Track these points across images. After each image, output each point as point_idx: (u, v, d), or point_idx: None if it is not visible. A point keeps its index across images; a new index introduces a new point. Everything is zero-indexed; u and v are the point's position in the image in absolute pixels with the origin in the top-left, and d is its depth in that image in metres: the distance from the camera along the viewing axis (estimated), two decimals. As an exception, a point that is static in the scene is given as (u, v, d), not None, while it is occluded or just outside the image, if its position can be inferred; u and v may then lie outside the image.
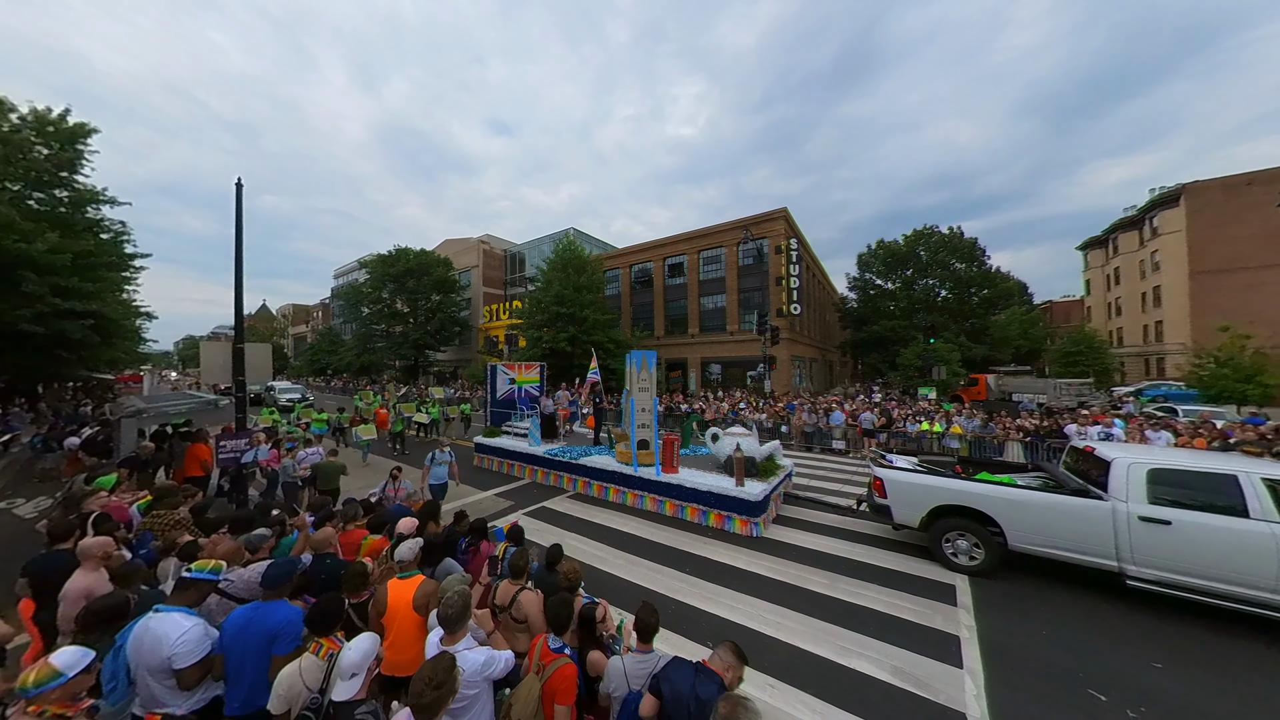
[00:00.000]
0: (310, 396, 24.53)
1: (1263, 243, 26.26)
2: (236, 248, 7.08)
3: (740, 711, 1.54)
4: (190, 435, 8.12)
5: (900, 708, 3.29)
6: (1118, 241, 37.90)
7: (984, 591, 4.93)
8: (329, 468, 7.14)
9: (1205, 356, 18.14)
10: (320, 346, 49.25)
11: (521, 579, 2.96)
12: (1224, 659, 3.80)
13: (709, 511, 6.91)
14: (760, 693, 3.38)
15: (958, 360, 26.61)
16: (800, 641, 4.03)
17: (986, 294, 33.68)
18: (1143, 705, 3.28)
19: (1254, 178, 26.96)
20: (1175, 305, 30.49)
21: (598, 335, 25.25)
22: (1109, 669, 3.68)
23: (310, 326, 69.91)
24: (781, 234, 24.70)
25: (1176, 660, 3.79)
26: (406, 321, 37.90)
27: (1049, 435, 10.59)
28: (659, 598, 4.73)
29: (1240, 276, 27.05)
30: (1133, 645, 4.00)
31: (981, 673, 3.63)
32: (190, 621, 2.27)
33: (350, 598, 2.79)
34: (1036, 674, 3.63)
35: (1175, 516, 4.35)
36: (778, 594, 4.86)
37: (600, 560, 5.69)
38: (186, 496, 4.71)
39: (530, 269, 38.76)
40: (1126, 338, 36.58)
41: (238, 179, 7.07)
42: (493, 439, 10.89)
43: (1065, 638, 4.11)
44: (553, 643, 2.26)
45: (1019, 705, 3.30)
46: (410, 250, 36.92)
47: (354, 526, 4.14)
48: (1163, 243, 31.61)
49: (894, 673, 3.64)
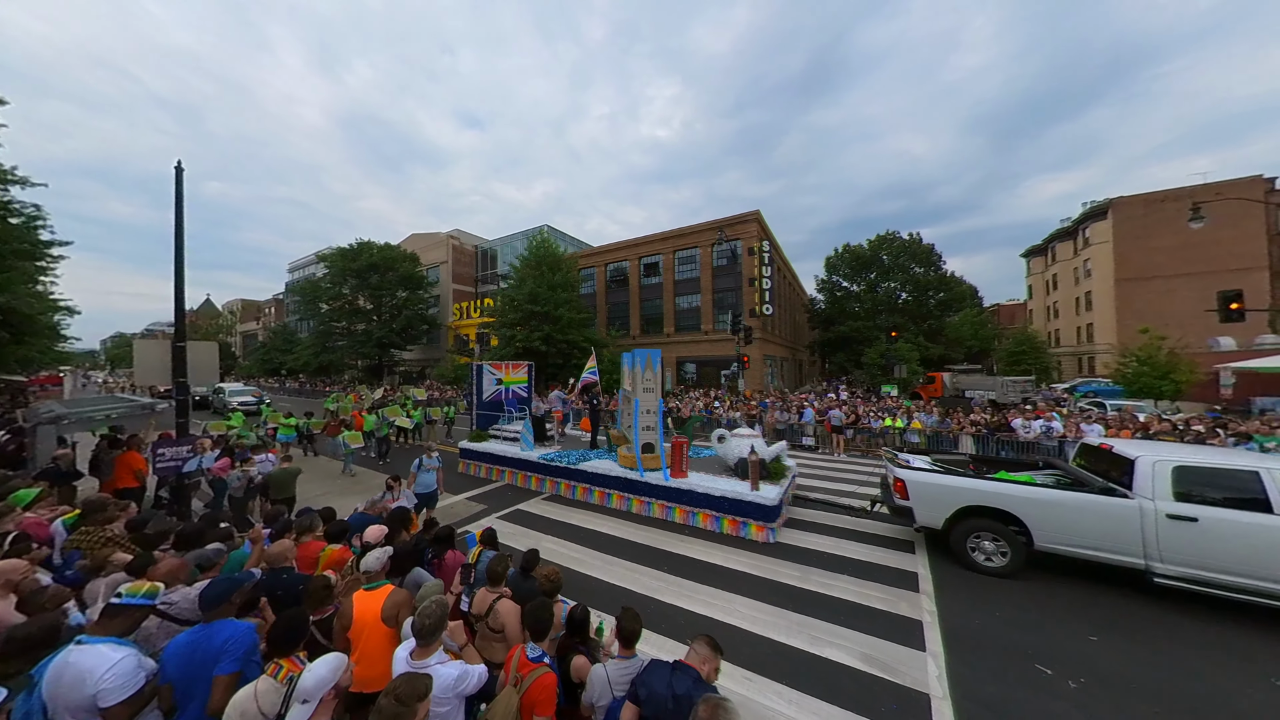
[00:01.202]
0: (267, 399, 22.60)
1: (1176, 254, 29.31)
2: (177, 238, 6.50)
3: (720, 713, 1.55)
4: (121, 442, 7.39)
5: (869, 692, 3.44)
6: (1055, 250, 41.26)
7: (944, 578, 5.22)
8: (283, 475, 6.70)
9: (1128, 356, 20.03)
10: (273, 345, 46.13)
11: (499, 586, 2.87)
12: (1150, 631, 4.21)
13: (722, 518, 6.56)
14: (737, 686, 3.44)
15: (917, 359, 28.16)
16: (775, 634, 4.14)
17: (942, 297, 35.76)
18: (1082, 676, 3.58)
19: (1167, 195, 30.03)
20: (1103, 309, 33.52)
21: (572, 334, 24.99)
22: (1054, 644, 3.99)
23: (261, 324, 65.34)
24: (754, 236, 25.27)
25: (1110, 633, 4.16)
26: (369, 319, 36.10)
27: (998, 430, 11.38)
28: (637, 598, 4.74)
29: (1158, 284, 30.07)
30: (1074, 621, 4.35)
31: (943, 654, 3.85)
32: (120, 653, 2.03)
33: (314, 613, 2.63)
34: (991, 652, 3.89)
35: (1202, 513, 4.32)
36: (753, 588, 4.97)
37: (577, 562, 5.63)
38: (120, 511, 4.28)
39: (503, 266, 37.81)
40: (1063, 338, 39.88)
41: (178, 162, 6.47)
42: (480, 443, 10.28)
43: (1017, 618, 4.42)
44: (531, 652, 2.20)
45: (976, 682, 3.53)
46: (374, 244, 35.20)
47: (311, 538, 3.89)
48: (1093, 252, 34.66)
49: (863, 659, 3.80)
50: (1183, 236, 27.77)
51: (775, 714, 3.25)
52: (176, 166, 6.44)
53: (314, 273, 48.19)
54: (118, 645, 2.08)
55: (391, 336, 35.15)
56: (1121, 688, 3.46)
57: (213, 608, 2.27)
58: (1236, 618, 4.28)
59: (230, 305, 79.94)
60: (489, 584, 2.85)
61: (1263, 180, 28.78)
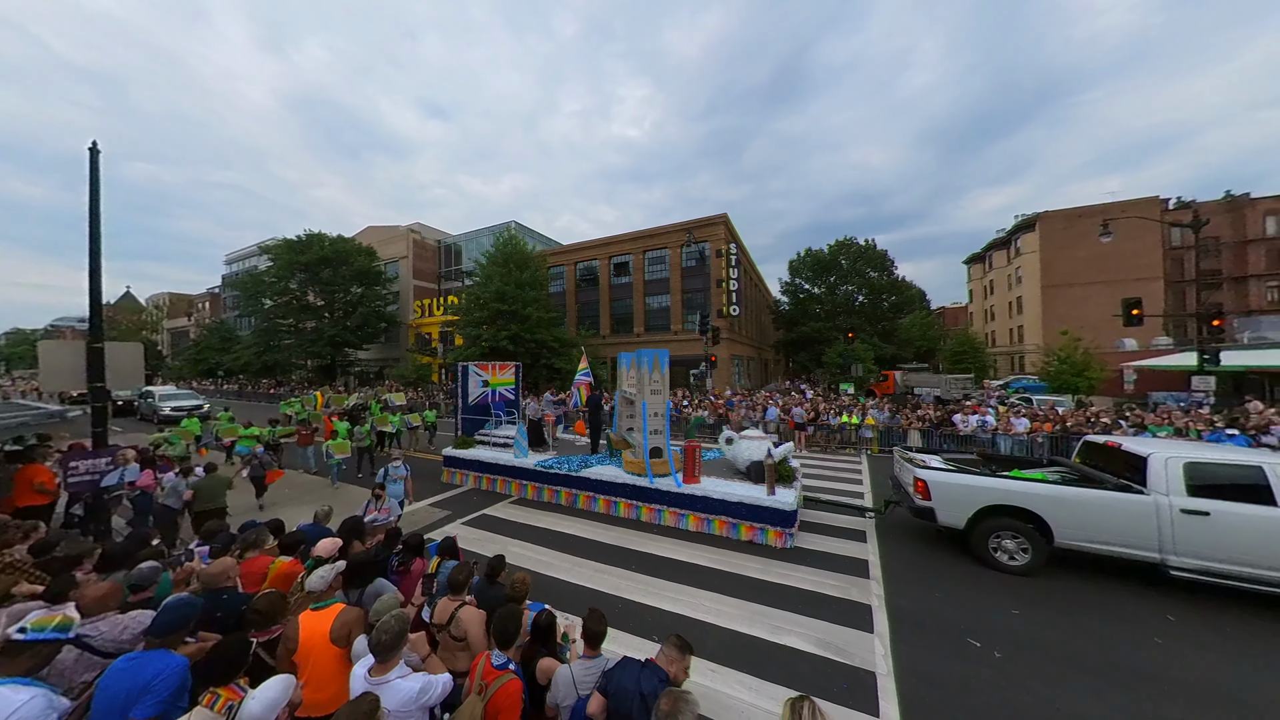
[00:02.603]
0: (206, 404, 20.17)
1: (1091, 264, 32.75)
2: (92, 227, 5.85)
3: (681, 705, 1.63)
4: (20, 454, 6.55)
5: (824, 674, 3.67)
6: (992, 258, 44.99)
7: (891, 564, 5.63)
8: (209, 485, 6.16)
9: (1051, 356, 22.22)
10: (208, 343, 42.12)
11: (461, 594, 2.82)
12: (1064, 601, 4.75)
13: (739, 524, 6.35)
14: (702, 678, 3.56)
15: (871, 358, 29.85)
16: (738, 625, 4.32)
17: (894, 300, 38.12)
18: (1006, 645, 3.99)
19: (1084, 211, 33.51)
20: (1032, 313, 36.93)
21: (541, 334, 24.58)
22: (982, 619, 4.42)
23: (194, 320, 59.56)
24: (722, 238, 25.86)
25: (1030, 606, 4.65)
26: (320, 316, 33.81)
27: (940, 424, 12.32)
28: (605, 598, 4.78)
29: (1077, 290, 33.48)
30: (1000, 598, 4.82)
31: (888, 635, 4.17)
32: (23, 695, 1.82)
33: (258, 635, 2.47)
34: (930, 630, 4.25)
35: (1213, 507, 4.49)
36: (718, 582, 5.14)
37: (545, 565, 5.60)
38: (21, 533, 3.82)
39: (468, 262, 36.52)
40: (998, 339, 43.58)
41: (92, 144, 5.82)
42: (466, 450, 9.51)
43: (953, 597, 4.84)
44: (496, 659, 2.19)
45: (915, 658, 3.85)
46: (325, 236, 32.97)
47: (258, 553, 3.65)
48: (1023, 260, 38.09)
49: (818, 644, 4.04)
50: (1096, 249, 31.08)
51: (738, 702, 3.40)
52: (91, 148, 5.81)
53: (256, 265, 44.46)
54: (21, 685, 1.87)
55: (346, 335, 33.09)
56: (1039, 653, 3.89)
57: (168, 634, 2.09)
58: (1136, 589, 4.91)
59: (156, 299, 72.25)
60: (451, 592, 2.80)
61: (1159, 201, 32.75)
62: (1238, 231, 33.51)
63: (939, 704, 3.35)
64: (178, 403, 18.72)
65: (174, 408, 17.96)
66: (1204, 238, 31.45)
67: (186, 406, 18.35)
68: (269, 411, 18.21)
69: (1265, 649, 3.95)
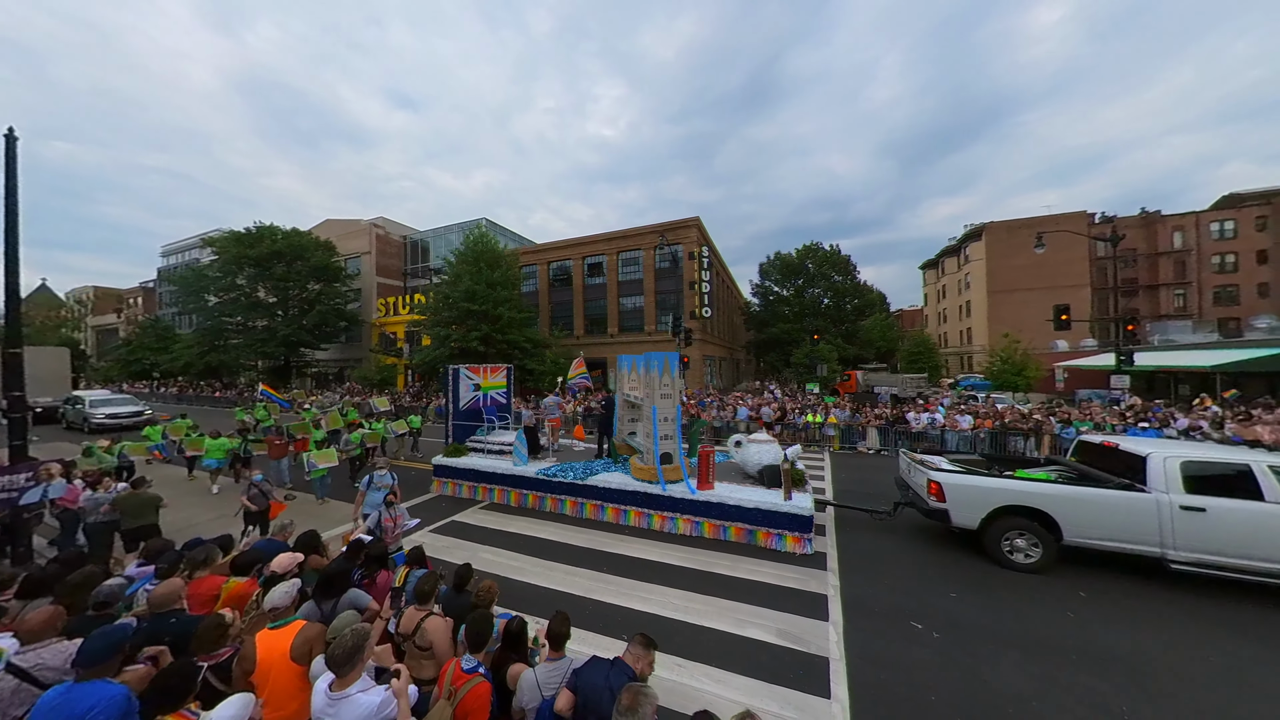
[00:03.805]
0: (149, 410, 17.92)
1: (1029, 272, 35.61)
2: (9, 219, 5.33)
3: (640, 699, 1.75)
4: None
5: (783, 663, 3.91)
6: (944, 265, 48.07)
7: (847, 557, 6.00)
8: (135, 502, 5.68)
9: (994, 356, 24.05)
10: (142, 342, 38.58)
11: (428, 604, 2.83)
12: (994, 585, 5.23)
13: (755, 530, 6.25)
14: (668, 673, 3.72)
15: (835, 359, 31.27)
16: (705, 620, 4.51)
17: (857, 303, 40.04)
18: (944, 627, 4.39)
19: (1024, 223, 36.43)
20: (979, 316, 39.75)
21: (513, 334, 24.19)
22: (925, 603, 4.82)
23: (124, 317, 54.42)
24: (695, 241, 26.32)
25: (966, 590, 5.11)
26: (273, 314, 31.78)
27: (895, 422, 13.12)
28: (577, 600, 4.86)
29: (1017, 296, 36.33)
30: (941, 583, 5.26)
31: (841, 622, 4.48)
32: None
33: (205, 659, 2.39)
34: (878, 616, 4.60)
35: (1209, 504, 4.72)
36: (687, 580, 5.32)
37: (516, 570, 5.61)
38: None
39: (436, 260, 35.34)
40: (949, 341, 46.60)
41: (9, 130, 5.30)
42: (457, 459, 8.97)
43: (899, 585, 5.24)
44: (466, 663, 2.23)
45: (864, 642, 4.18)
46: (278, 229, 31.01)
47: (208, 572, 3.48)
48: (972, 267, 40.95)
49: (779, 634, 4.29)
50: (1034, 258, 33.80)
51: (703, 693, 3.57)
52: (8, 134, 5.30)
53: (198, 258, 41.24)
54: None
55: (301, 334, 31.26)
56: (971, 632, 4.31)
57: (95, 664, 1.98)
58: (1053, 570, 5.47)
59: (78, 294, 65.43)
60: (417, 602, 2.80)
61: (1086, 215, 36.06)
62: (1151, 245, 37.43)
63: (883, 683, 3.66)
64: (114, 409, 16.45)
65: (109, 415, 15.85)
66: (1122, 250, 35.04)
67: (124, 414, 16.25)
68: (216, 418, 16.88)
69: (1156, 618, 4.54)
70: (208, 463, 9.06)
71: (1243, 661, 3.89)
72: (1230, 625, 4.39)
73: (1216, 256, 35.76)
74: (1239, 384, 17.93)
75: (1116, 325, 15.14)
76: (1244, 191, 36.85)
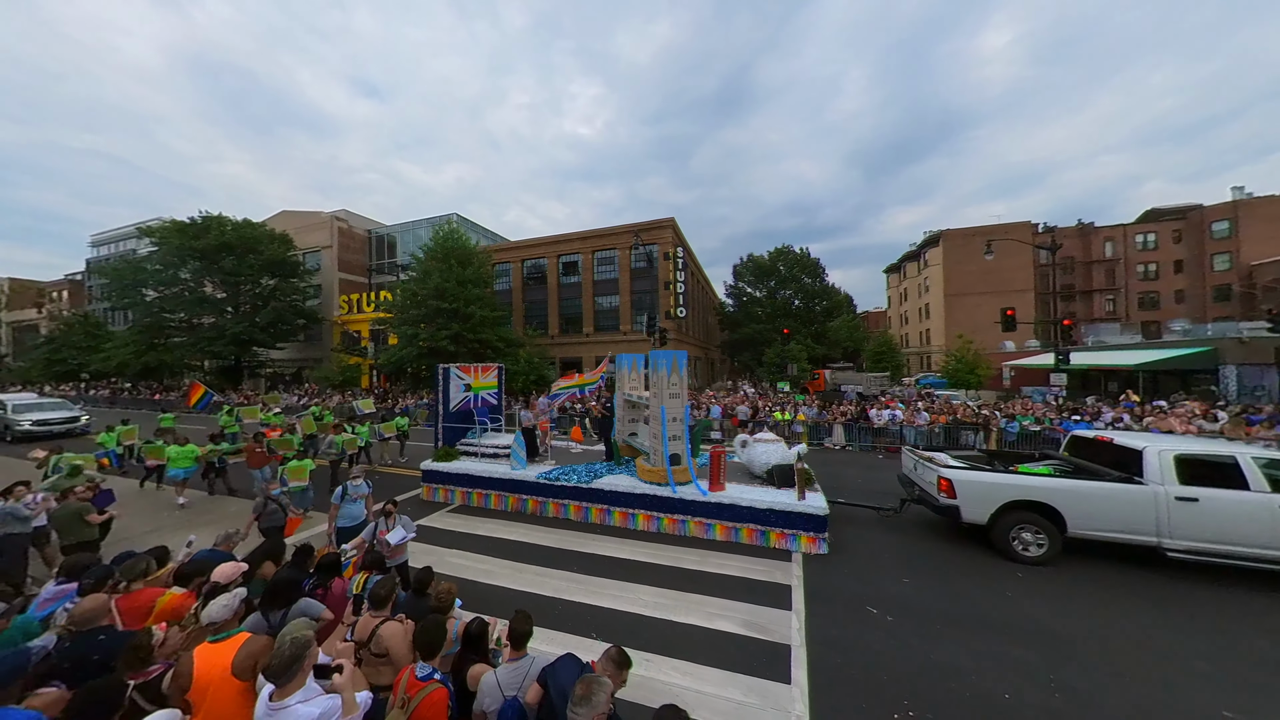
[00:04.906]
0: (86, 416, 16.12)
1: (981, 277, 38.00)
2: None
3: (594, 687, 1.79)
4: None
5: (748, 652, 4.04)
6: (905, 269, 50.61)
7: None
8: (66, 515, 5.25)
9: (950, 355, 25.56)
10: (68, 340, 35.13)
11: (384, 609, 2.75)
12: (944, 569, 5.59)
13: (768, 531, 6.20)
14: (637, 668, 3.73)
15: (805, 358, 32.33)
16: (674, 615, 4.59)
17: (826, 304, 41.50)
18: (896, 610, 4.66)
19: (976, 231, 38.84)
20: (937, 318, 42.08)
21: (485, 333, 23.65)
22: (879, 590, 5.09)
23: (46, 312, 49.35)
24: (669, 241, 26.54)
25: (918, 575, 5.43)
26: (222, 311, 29.72)
27: (859, 419, 13.74)
28: (547, 601, 4.84)
29: (970, 299, 38.69)
30: (894, 570, 5.57)
31: (803, 610, 4.67)
32: None
33: (133, 677, 2.23)
34: (836, 602, 4.82)
35: (1201, 494, 4.97)
36: (658, 576, 5.39)
37: (485, 573, 5.51)
38: None
39: (403, 256, 34.02)
40: (911, 341, 49.11)
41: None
42: (448, 463, 8.54)
43: (857, 573, 5.51)
44: (420, 671, 2.19)
45: (823, 627, 4.38)
46: (227, 219, 29.02)
47: (141, 585, 3.24)
48: (930, 272, 43.30)
49: (746, 625, 4.43)
50: (985, 264, 36.14)
51: (671, 686, 3.63)
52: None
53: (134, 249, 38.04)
54: None
55: (254, 332, 29.32)
56: (921, 614, 4.59)
57: None
58: (994, 552, 5.88)
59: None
60: (374, 607, 2.72)
61: (1030, 225, 38.85)
62: (1086, 254, 40.79)
63: (839, 665, 3.85)
64: (43, 415, 14.70)
65: (36, 422, 14.17)
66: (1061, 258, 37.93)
67: (56, 420, 14.60)
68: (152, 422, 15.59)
69: (1081, 594, 4.98)
70: (173, 473, 8.16)
71: (1150, 628, 4.34)
72: (1144, 597, 4.89)
73: (1141, 265, 39.40)
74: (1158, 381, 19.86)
75: (1055, 327, 16.43)
76: (1163, 207, 40.76)
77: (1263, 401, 14.84)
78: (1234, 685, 3.59)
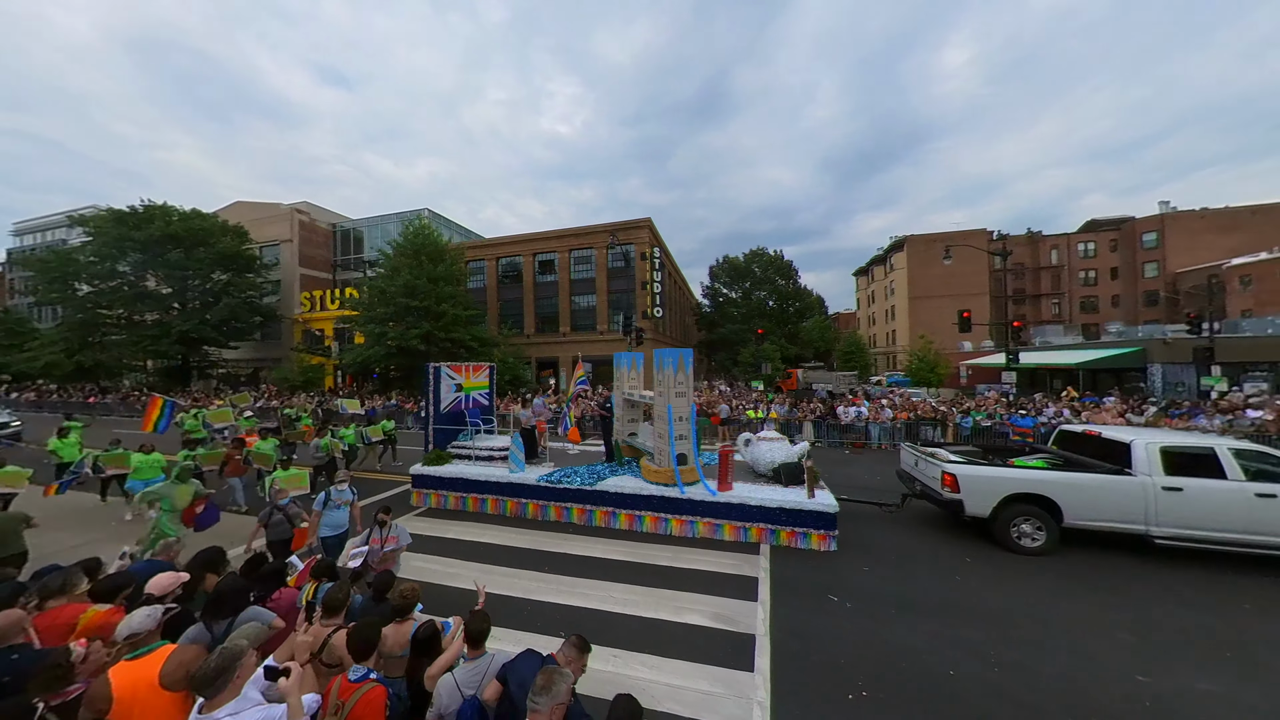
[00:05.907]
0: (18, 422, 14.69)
1: (942, 280, 40.07)
2: None
3: (555, 677, 1.80)
4: None
5: (715, 644, 4.12)
6: (873, 272, 52.72)
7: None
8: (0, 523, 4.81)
9: (913, 355, 26.83)
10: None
11: (338, 617, 2.64)
12: (901, 558, 5.87)
13: (778, 530, 6.19)
14: (604, 665, 3.76)
15: (779, 358, 33.20)
16: (645, 611, 4.62)
17: (799, 305, 42.83)
18: (855, 598, 4.86)
19: (937, 237, 40.94)
20: (901, 319, 44.05)
21: (458, 332, 23.03)
22: (840, 578, 5.29)
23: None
24: (646, 242, 26.65)
25: (876, 564, 5.68)
26: (167, 307, 27.70)
27: (827, 416, 14.21)
28: (516, 601, 4.78)
29: (932, 302, 40.72)
30: (855, 559, 5.80)
31: (769, 601, 4.80)
32: None
33: (48, 699, 2.06)
34: (800, 592, 4.98)
35: (1185, 484, 5.25)
36: (629, 574, 5.41)
37: (452, 576, 5.37)
38: None
39: (371, 251, 32.67)
40: (878, 341, 51.19)
41: None
42: (440, 467, 8.18)
43: (821, 564, 5.70)
44: (352, 674, 2.11)
45: (787, 616, 4.51)
46: (173, 209, 27.11)
47: (63, 601, 2.98)
48: (896, 275, 45.29)
49: (714, 618, 4.51)
50: (945, 268, 38.18)
51: (638, 680, 3.65)
52: None
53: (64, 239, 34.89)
54: None
55: (204, 330, 27.47)
56: (878, 600, 4.80)
57: None
58: (945, 538, 6.22)
59: (-112, 277, 52.35)
60: (327, 614, 2.61)
61: (985, 232, 41.28)
62: (1034, 260, 43.71)
63: (800, 651, 3.98)
64: None
65: None
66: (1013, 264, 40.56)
67: None
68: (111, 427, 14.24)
69: (1023, 578, 5.35)
70: (132, 485, 7.34)
71: (1082, 606, 4.71)
72: (1077, 579, 5.28)
73: (1082, 272, 42.58)
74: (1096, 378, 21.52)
75: (1007, 329, 17.54)
76: (1101, 219, 44.18)
77: (1182, 397, 16.36)
78: (1151, 653, 3.94)
